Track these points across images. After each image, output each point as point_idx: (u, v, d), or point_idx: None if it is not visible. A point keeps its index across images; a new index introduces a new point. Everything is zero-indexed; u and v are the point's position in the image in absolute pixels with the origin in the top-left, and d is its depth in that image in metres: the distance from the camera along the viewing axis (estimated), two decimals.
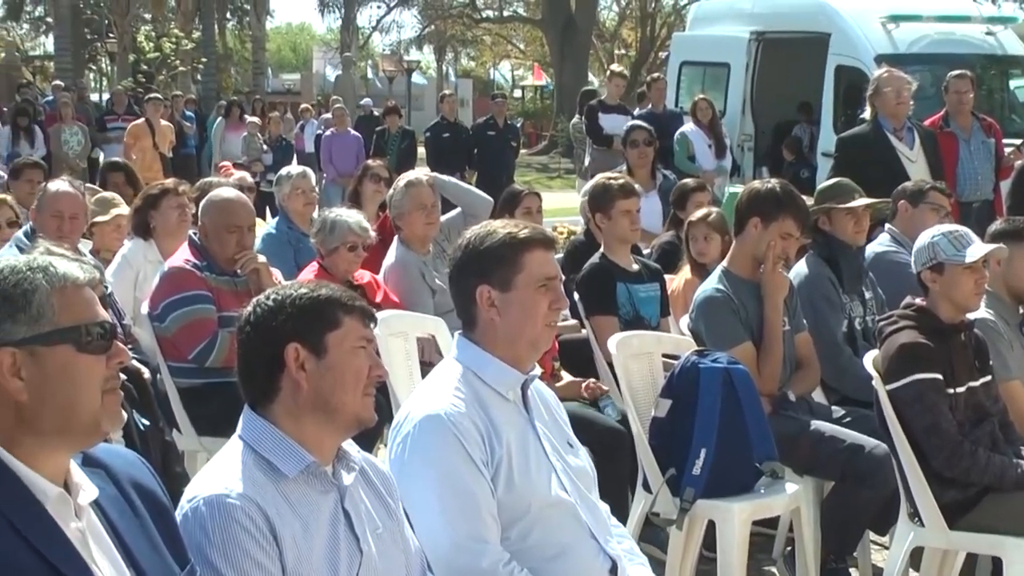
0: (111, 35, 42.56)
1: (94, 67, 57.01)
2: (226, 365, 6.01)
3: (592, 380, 6.19)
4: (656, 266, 7.09)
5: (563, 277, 3.75)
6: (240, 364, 3.01)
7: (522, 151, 24.75)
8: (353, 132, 18.91)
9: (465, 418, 3.37)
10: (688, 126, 14.35)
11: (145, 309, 6.24)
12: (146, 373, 5.92)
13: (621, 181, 6.92)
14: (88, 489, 2.46)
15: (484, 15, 55.27)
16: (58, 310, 2.40)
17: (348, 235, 6.78)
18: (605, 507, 3.68)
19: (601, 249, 6.79)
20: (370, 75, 57.95)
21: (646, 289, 6.68)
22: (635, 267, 6.74)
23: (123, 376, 3.59)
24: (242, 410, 3.02)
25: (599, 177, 7.13)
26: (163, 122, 18.34)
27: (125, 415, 2.52)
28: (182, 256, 6.27)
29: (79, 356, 2.40)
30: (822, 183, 7.31)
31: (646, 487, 5.26)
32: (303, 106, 27.40)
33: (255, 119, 20.80)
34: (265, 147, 19.56)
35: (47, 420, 2.37)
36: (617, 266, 6.66)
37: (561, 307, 3.63)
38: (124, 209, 7.61)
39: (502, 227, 3.61)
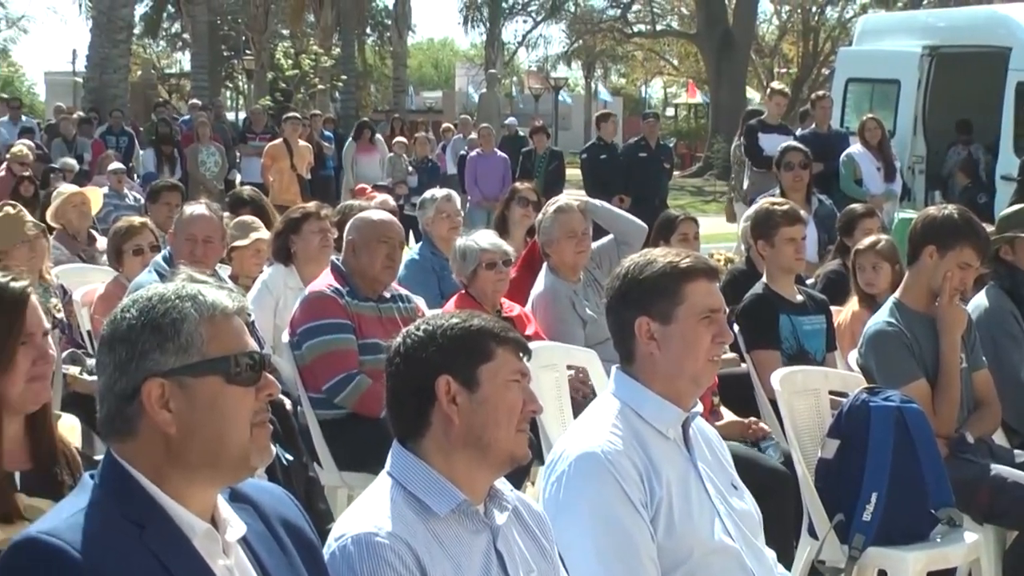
0: (248, 52, 43.42)
1: (230, 85, 58.19)
2: (357, 410, 6.08)
3: (755, 420, 6.14)
4: (822, 297, 7.01)
5: (726, 309, 3.72)
6: (389, 397, 3.04)
7: (675, 173, 24.65)
8: (499, 153, 19.00)
9: (623, 457, 3.37)
10: (855, 147, 14.13)
11: (285, 337, 6.33)
12: (288, 404, 6.01)
13: (786, 207, 6.85)
14: (236, 525, 2.51)
15: (636, 29, 55.23)
16: (207, 340, 2.46)
17: (482, 255, 6.79)
18: (772, 554, 3.65)
19: (763, 279, 6.74)
20: (515, 93, 58.29)
21: (811, 321, 6.61)
22: (799, 298, 6.68)
23: None
24: (385, 444, 3.05)
25: (763, 202, 7.07)
26: (301, 142, 18.53)
27: (274, 450, 2.56)
28: (324, 282, 6.35)
29: (228, 388, 2.45)
30: (1004, 209, 7.16)
31: (812, 533, 5.19)
32: (445, 125, 27.65)
33: (401, 139, 20.99)
34: (410, 168, 19.74)
35: (195, 454, 2.43)
36: (780, 297, 6.60)
37: (725, 341, 3.61)
38: (264, 234, 7.75)
39: (662, 256, 3.60)
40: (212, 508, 2.50)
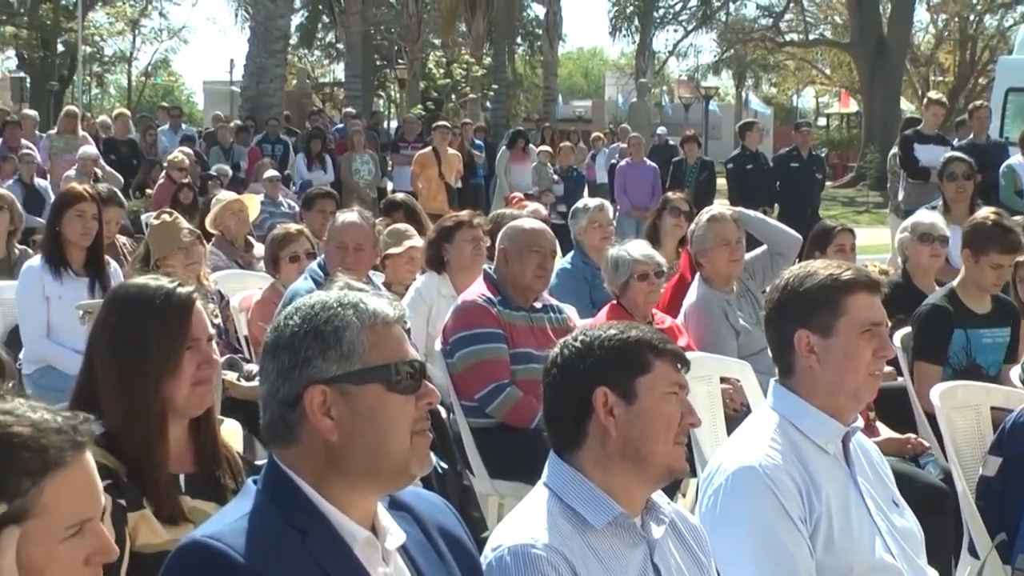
0: (401, 61, 43.86)
1: (383, 94, 58.86)
2: (508, 421, 6.09)
3: (914, 436, 6.02)
4: (1015, 306, 6.80)
5: (888, 322, 3.65)
6: (546, 408, 3.03)
7: (827, 184, 24.33)
8: (649, 162, 18.95)
9: (782, 471, 3.32)
10: (1015, 158, 13.79)
11: (438, 345, 6.36)
12: (442, 412, 6.04)
13: (1010, 236, 6.61)
14: (396, 533, 2.52)
15: (788, 38, 54.74)
16: (368, 348, 2.48)
17: (634, 265, 6.75)
18: (934, 573, 3.57)
19: (954, 284, 6.58)
20: (664, 102, 58.07)
21: (992, 334, 6.46)
22: (987, 308, 6.51)
23: None
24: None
25: (989, 214, 6.83)
26: (450, 151, 18.65)
27: (433, 459, 2.57)
28: (476, 291, 6.37)
29: (389, 396, 2.47)
30: None
31: (972, 552, 5.07)
32: (595, 134, 27.64)
33: (546, 148, 21.04)
34: (556, 177, 19.77)
35: (356, 461, 2.44)
36: (965, 308, 6.46)
37: (887, 355, 3.55)
38: (417, 241, 7.80)
39: (823, 268, 3.55)
40: (372, 516, 2.51)
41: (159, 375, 3.27)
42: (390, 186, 21.45)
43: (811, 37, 54.89)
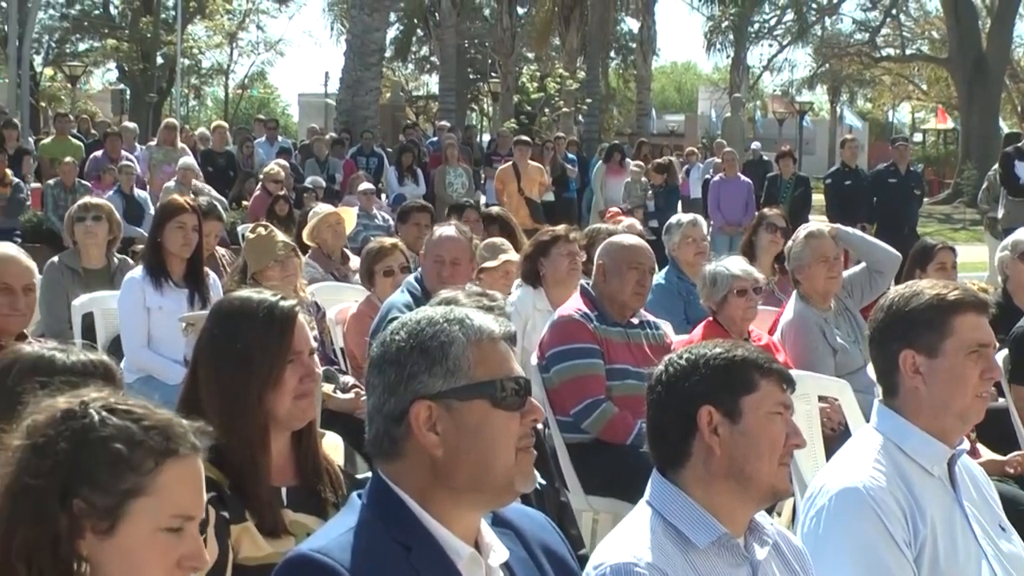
0: (494, 75, 44.00)
1: (475, 107, 59.08)
2: (603, 437, 6.07)
3: (1018, 454, 5.92)
4: None
5: (996, 343, 3.59)
6: (650, 426, 3.02)
7: (924, 200, 24.06)
8: (743, 178, 18.83)
9: (886, 493, 3.27)
10: None
11: (534, 360, 6.35)
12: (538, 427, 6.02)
13: None
14: (499, 550, 2.52)
15: (884, 53, 54.21)
16: (474, 364, 2.48)
17: (732, 281, 6.70)
18: None
19: None
20: (758, 117, 57.74)
21: None
22: None
23: None
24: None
25: None
26: (532, 164, 18.63)
27: (537, 475, 2.56)
28: (573, 306, 6.35)
29: (494, 412, 2.47)
30: None
31: None
32: (689, 149, 27.53)
33: (638, 163, 20.99)
34: (649, 192, 19.71)
35: (461, 477, 2.44)
36: None
37: (994, 377, 3.50)
38: (513, 255, 7.80)
39: (929, 288, 3.50)
40: (476, 532, 2.51)
41: (262, 388, 3.30)
42: (483, 199, 21.52)
43: (908, 52, 54.32)
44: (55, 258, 8.46)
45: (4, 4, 35.54)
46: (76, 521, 2.20)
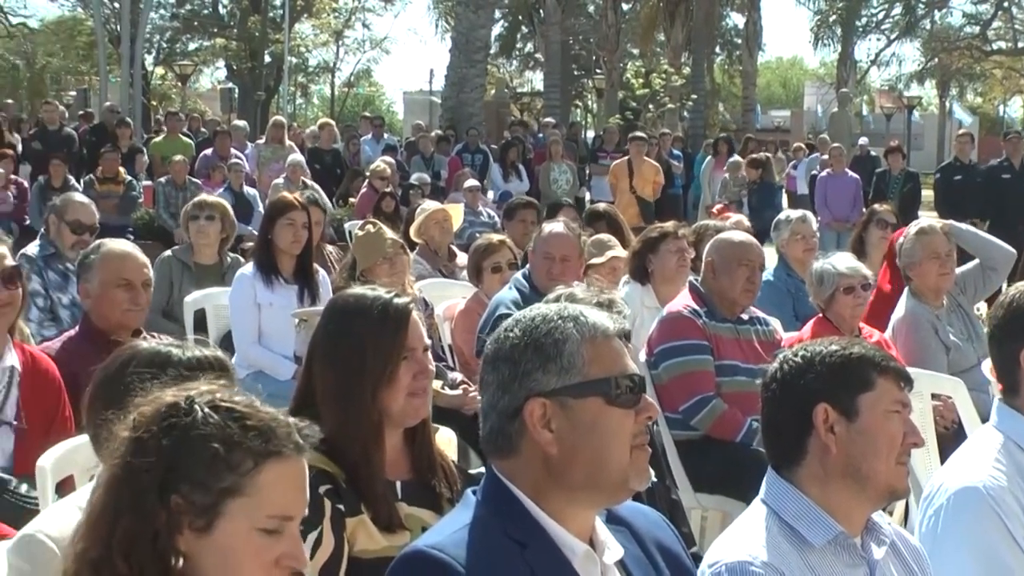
0: (599, 71, 43.93)
1: (580, 104, 59.02)
2: (712, 434, 6.03)
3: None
4: None
5: None
6: (764, 423, 2.99)
7: None
8: (850, 173, 18.61)
9: (1007, 493, 3.22)
10: None
11: (642, 357, 6.32)
12: None
13: None
14: (614, 548, 2.51)
15: (995, 47, 53.35)
16: (588, 361, 2.47)
17: (840, 279, 6.64)
18: None
19: None
20: (865, 112, 57.10)
21: None
22: None
23: None
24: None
25: None
26: (648, 162, 18.48)
27: (652, 473, 2.55)
28: (682, 302, 6.32)
29: (609, 409, 2.46)
30: None
31: None
32: (796, 145, 27.31)
33: (735, 159, 20.83)
34: (743, 190, 19.54)
35: (575, 474, 2.44)
36: None
37: None
38: (620, 252, 7.78)
39: None
40: (590, 529, 2.51)
41: (376, 385, 3.31)
42: (588, 196, 21.49)
43: (1020, 45, 53.37)
44: (168, 251, 8.59)
45: (117, 5, 36.18)
46: (174, 517, 2.22)
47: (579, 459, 2.44)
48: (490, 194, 18.91)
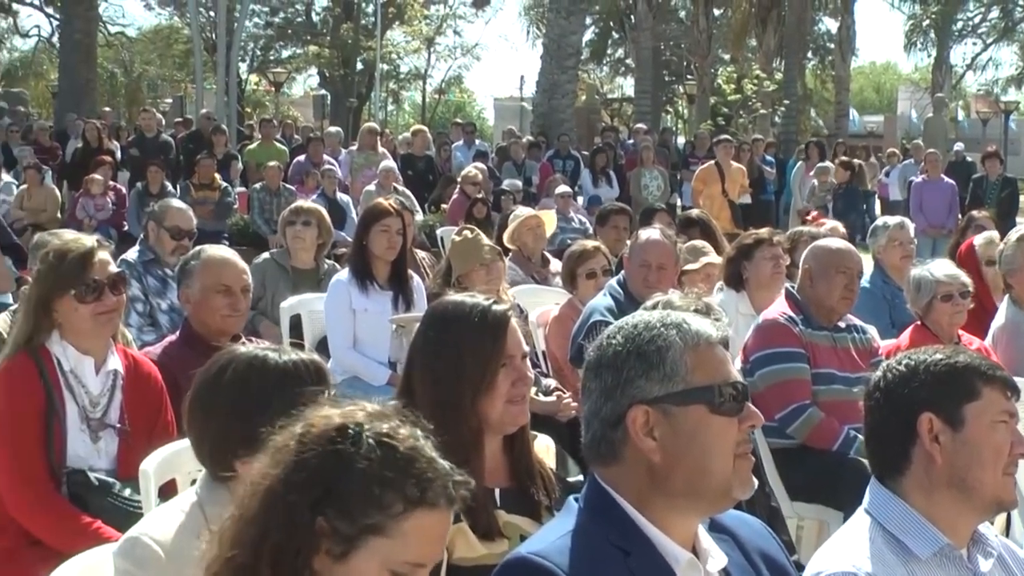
0: (690, 77, 43.81)
1: (670, 110, 58.81)
2: (808, 443, 5.98)
3: None
4: None
5: None
6: (868, 432, 2.95)
7: None
8: (946, 179, 18.39)
9: None
10: None
11: (737, 364, 6.28)
12: None
13: None
14: (717, 556, 2.49)
15: None
16: (691, 368, 2.46)
17: (937, 286, 6.56)
18: None
19: None
20: (960, 117, 56.38)
21: None
22: None
23: None
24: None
25: None
26: (735, 165, 18.34)
27: (756, 482, 2.53)
28: (778, 309, 6.26)
29: (712, 417, 2.45)
30: None
31: None
32: (890, 150, 27.03)
33: (822, 164, 20.62)
34: (828, 195, 19.35)
35: (678, 482, 2.43)
36: None
37: None
38: (714, 258, 7.74)
39: None
40: (693, 537, 2.50)
41: (475, 392, 3.32)
42: (679, 201, 21.43)
43: None
44: (266, 254, 8.66)
45: (213, 13, 36.62)
46: (316, 537, 2.22)
47: (681, 467, 2.43)
48: (580, 200, 18.90)
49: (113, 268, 4.53)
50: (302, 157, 19.28)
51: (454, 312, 3.44)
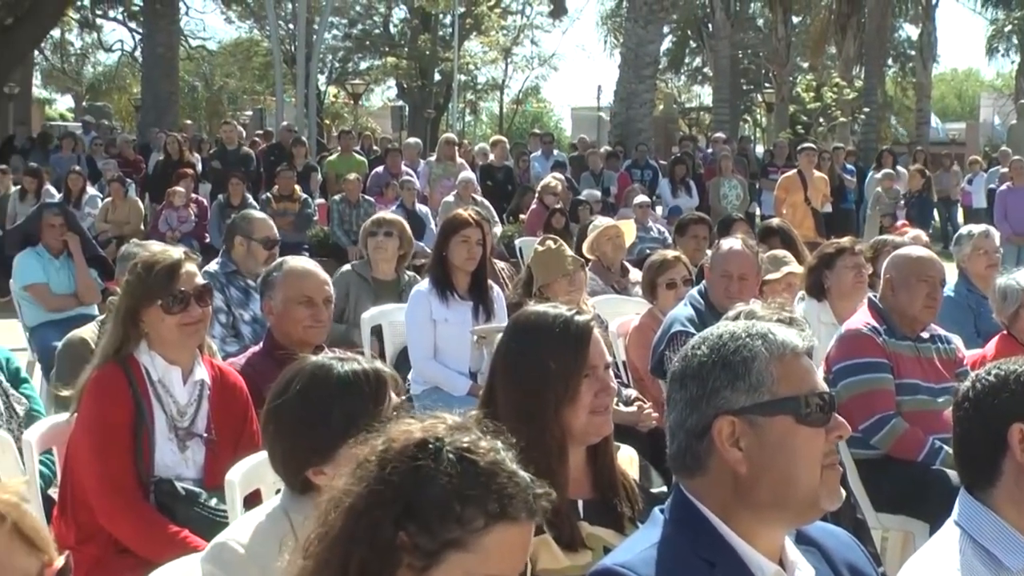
0: (768, 85, 43.57)
1: (748, 118, 58.53)
2: (893, 454, 5.92)
3: None
4: None
5: None
6: (957, 443, 2.92)
7: None
8: None
9: None
10: None
11: (819, 374, 6.22)
12: None
13: None
14: (803, 568, 2.48)
15: None
16: (777, 379, 2.45)
17: (1023, 295, 6.49)
18: None
19: None
20: None
21: None
22: None
23: None
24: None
25: None
26: (817, 174, 18.20)
27: (843, 493, 2.51)
28: (861, 319, 6.21)
29: (799, 428, 2.43)
30: None
31: None
32: (972, 158, 26.74)
33: (888, 171, 20.40)
34: (901, 202, 19.12)
35: (764, 493, 2.41)
36: None
37: None
38: (795, 267, 7.69)
39: None
40: (780, 549, 2.48)
41: (558, 403, 3.32)
42: (758, 211, 21.32)
43: None
44: (347, 266, 8.72)
45: (292, 26, 36.94)
46: (398, 552, 2.21)
47: (768, 478, 2.41)
48: (659, 209, 18.86)
49: (200, 280, 4.58)
50: (380, 168, 19.40)
51: (537, 323, 3.44)
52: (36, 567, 1.69)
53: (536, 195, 17.03)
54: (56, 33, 49.14)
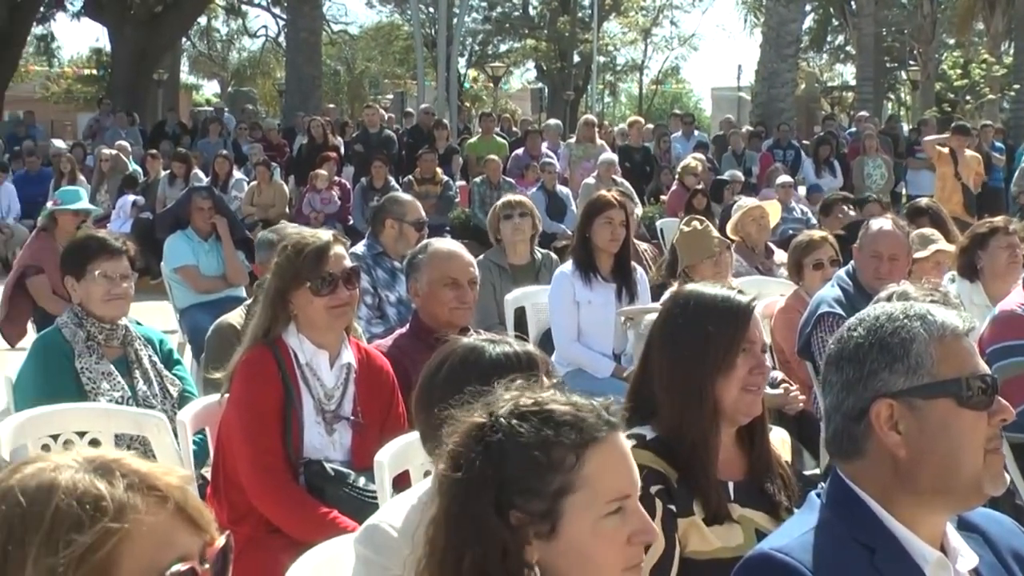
0: (913, 63, 42.80)
1: (892, 97, 57.53)
2: None
3: None
4: None
5: None
6: None
7: None
8: None
9: None
10: None
11: None
12: None
13: None
14: (967, 555, 2.41)
15: None
16: (937, 361, 2.39)
17: None
18: None
19: None
20: None
21: None
22: None
23: None
24: None
25: None
26: (969, 152, 17.77)
27: (1008, 478, 2.44)
28: (1015, 300, 6.06)
29: (960, 411, 2.37)
30: None
31: None
32: None
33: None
34: None
35: (925, 478, 2.36)
36: None
37: None
38: (944, 245, 7.53)
39: None
40: (941, 535, 2.42)
41: (714, 374, 3.29)
42: (904, 190, 20.96)
43: None
44: (481, 256, 8.71)
45: (433, 10, 37.16)
46: (518, 531, 2.22)
47: (929, 462, 2.36)
48: (801, 190, 18.63)
49: (348, 263, 4.61)
50: (521, 150, 19.41)
51: (699, 297, 3.43)
52: (198, 546, 1.71)
53: (676, 176, 16.93)
54: (203, 20, 50.06)
